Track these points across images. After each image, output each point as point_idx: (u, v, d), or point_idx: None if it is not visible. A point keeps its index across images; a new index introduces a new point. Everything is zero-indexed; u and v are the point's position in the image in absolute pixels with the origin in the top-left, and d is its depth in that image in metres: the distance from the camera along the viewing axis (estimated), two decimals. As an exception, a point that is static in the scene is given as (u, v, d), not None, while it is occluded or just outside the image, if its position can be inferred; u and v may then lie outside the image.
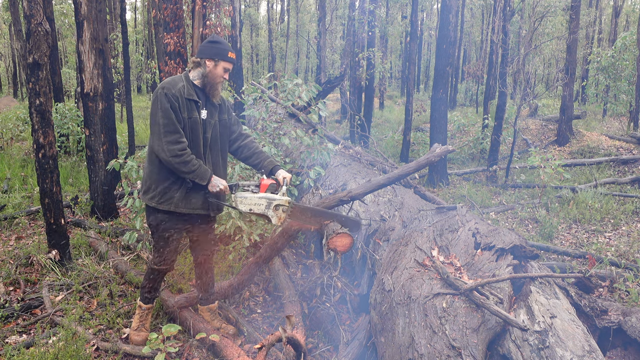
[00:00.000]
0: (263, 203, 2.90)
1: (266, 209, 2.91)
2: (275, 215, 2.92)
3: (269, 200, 2.90)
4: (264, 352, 2.93)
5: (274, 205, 2.90)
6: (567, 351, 2.36)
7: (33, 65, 4.18)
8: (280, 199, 2.92)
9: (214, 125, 3.10)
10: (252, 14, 37.92)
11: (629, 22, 29.92)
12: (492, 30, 12.08)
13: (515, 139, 9.46)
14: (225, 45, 3.00)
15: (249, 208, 2.91)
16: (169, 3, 7.14)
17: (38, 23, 4.16)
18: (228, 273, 4.40)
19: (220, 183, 2.96)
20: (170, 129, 2.84)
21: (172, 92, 2.87)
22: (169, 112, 2.84)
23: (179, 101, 2.89)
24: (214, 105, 3.10)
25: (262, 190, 2.97)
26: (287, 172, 3.14)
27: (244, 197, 2.91)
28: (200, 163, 2.93)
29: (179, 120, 2.88)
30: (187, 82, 3.00)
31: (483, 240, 3.31)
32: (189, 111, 2.95)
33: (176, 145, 2.84)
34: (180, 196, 3.02)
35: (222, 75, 3.02)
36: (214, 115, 3.10)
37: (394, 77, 40.79)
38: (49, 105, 4.33)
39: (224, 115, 3.19)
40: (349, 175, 5.32)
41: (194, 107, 2.97)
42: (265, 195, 2.92)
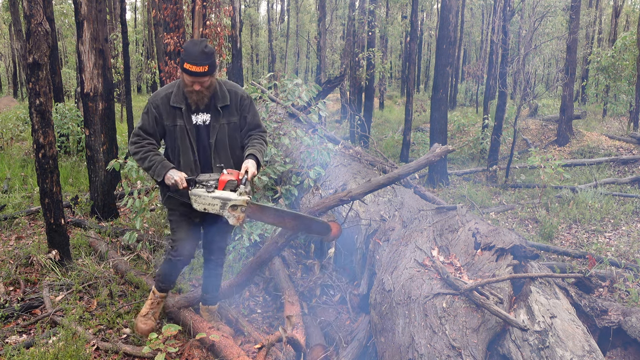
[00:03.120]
0: (217, 203, 2.72)
1: (221, 210, 2.73)
2: (232, 216, 2.73)
3: (223, 201, 2.71)
4: (264, 352, 2.93)
5: (229, 205, 2.71)
6: (567, 351, 2.36)
7: (33, 65, 4.18)
8: (236, 199, 2.70)
9: (220, 129, 2.99)
10: (252, 14, 37.91)
11: (629, 22, 29.92)
12: (492, 30, 12.08)
13: (515, 139, 9.46)
14: (188, 54, 2.75)
15: (203, 207, 2.75)
16: (169, 3, 7.14)
17: (38, 23, 4.16)
18: (228, 273, 4.40)
19: (176, 175, 2.81)
20: (135, 131, 2.95)
21: (154, 100, 2.93)
22: (144, 116, 2.95)
23: (159, 109, 2.91)
24: (218, 109, 2.97)
25: (220, 187, 2.76)
26: (253, 164, 2.86)
27: (198, 195, 2.74)
28: (158, 160, 2.87)
29: (152, 126, 2.92)
30: (178, 88, 2.94)
31: (483, 240, 3.31)
32: (172, 119, 2.91)
33: (132, 146, 2.93)
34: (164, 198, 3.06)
35: (190, 85, 2.84)
36: (219, 118, 2.98)
37: (394, 77, 40.79)
38: (49, 105, 4.33)
39: (234, 118, 3.05)
40: (349, 175, 5.32)
41: (179, 114, 2.91)
42: (220, 195, 2.72)
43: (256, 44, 39.89)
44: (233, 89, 3.05)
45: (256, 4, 41.36)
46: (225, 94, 3.01)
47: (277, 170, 5.18)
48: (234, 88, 3.06)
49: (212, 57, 2.77)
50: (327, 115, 11.53)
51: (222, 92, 2.99)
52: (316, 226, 3.14)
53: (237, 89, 3.06)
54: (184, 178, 2.79)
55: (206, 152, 2.99)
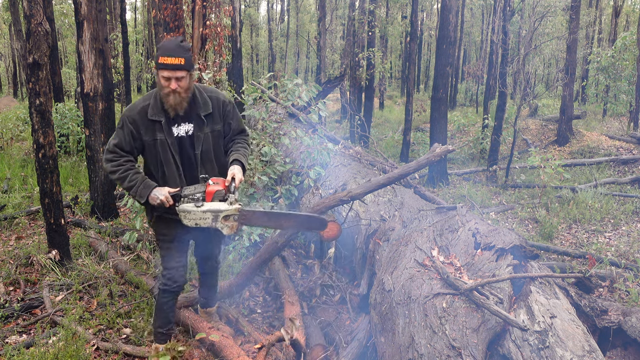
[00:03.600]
0: (208, 217, 2.61)
1: (213, 222, 2.63)
2: (226, 226, 2.65)
3: (215, 213, 2.61)
4: (264, 352, 2.93)
5: (221, 217, 2.62)
6: (567, 351, 2.36)
7: (33, 65, 4.18)
8: (227, 209, 2.61)
9: (205, 139, 2.81)
10: (252, 14, 37.91)
11: (629, 22, 29.93)
12: (492, 30, 12.08)
13: (515, 139, 9.46)
14: (162, 48, 2.60)
15: (195, 223, 2.63)
16: (169, 3, 7.14)
17: (38, 23, 4.16)
18: (228, 273, 4.40)
19: (160, 194, 2.65)
20: (110, 148, 2.73)
21: (129, 114, 2.72)
22: (119, 132, 2.74)
23: (136, 124, 2.71)
24: (201, 118, 2.79)
25: (208, 199, 2.62)
26: (239, 170, 2.74)
27: (187, 210, 2.61)
28: (140, 180, 2.69)
29: (128, 142, 2.71)
30: (155, 99, 2.73)
31: (483, 240, 3.31)
32: (151, 133, 2.72)
33: (108, 164, 2.73)
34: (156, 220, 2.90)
35: (164, 85, 2.62)
36: (202, 127, 2.80)
37: (394, 77, 40.79)
38: (49, 105, 4.33)
39: (217, 126, 2.87)
40: (349, 175, 5.32)
41: (159, 127, 2.71)
42: (210, 208, 2.60)
43: (256, 44, 39.88)
44: (214, 95, 2.88)
45: (256, 4, 41.36)
46: (206, 100, 2.82)
47: (277, 170, 5.19)
48: (214, 94, 2.88)
49: (188, 52, 2.61)
50: (327, 115, 11.54)
51: (203, 99, 2.81)
52: (312, 222, 3.09)
53: (219, 95, 2.90)
54: (169, 195, 2.66)
55: (191, 164, 2.83)
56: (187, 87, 2.67)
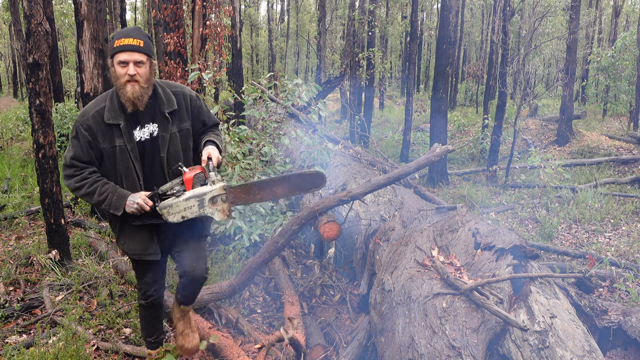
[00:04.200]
0: (193, 204, 2.36)
1: (201, 209, 2.37)
2: (216, 211, 2.39)
3: (199, 197, 2.35)
4: (264, 352, 2.93)
5: (207, 200, 2.36)
6: (567, 351, 2.36)
7: (33, 65, 4.18)
8: (211, 190, 2.36)
9: (172, 140, 2.49)
10: (252, 14, 37.92)
11: (629, 22, 29.93)
12: (492, 30, 12.08)
13: (515, 139, 9.46)
14: (118, 33, 2.35)
15: (181, 216, 2.37)
16: (169, 3, 7.14)
17: (38, 23, 4.16)
18: (228, 273, 4.40)
19: (136, 198, 2.37)
20: (68, 162, 2.41)
21: (83, 120, 2.38)
22: (74, 142, 2.40)
23: (91, 130, 2.38)
24: (166, 116, 2.47)
25: (188, 187, 2.38)
26: (214, 149, 2.48)
27: (169, 205, 2.36)
28: (111, 190, 2.39)
29: (87, 152, 2.39)
30: (111, 100, 2.41)
31: (483, 240, 3.31)
32: (109, 139, 2.39)
33: (69, 181, 2.42)
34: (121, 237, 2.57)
35: (121, 73, 2.32)
36: (168, 127, 2.47)
37: (394, 77, 40.79)
38: (49, 105, 4.33)
39: (185, 124, 2.56)
40: (349, 175, 5.32)
41: (118, 132, 2.39)
42: (192, 194, 2.35)
43: (256, 44, 39.89)
44: (179, 90, 2.57)
45: (256, 4, 41.37)
46: (169, 96, 2.50)
47: (277, 170, 5.19)
48: (178, 88, 2.58)
49: (148, 38, 2.35)
50: (327, 115, 11.55)
51: (166, 95, 2.49)
52: (308, 181, 2.71)
53: (184, 89, 2.60)
54: (146, 197, 2.39)
55: (154, 170, 2.49)
56: (147, 76, 2.36)
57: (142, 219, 2.47)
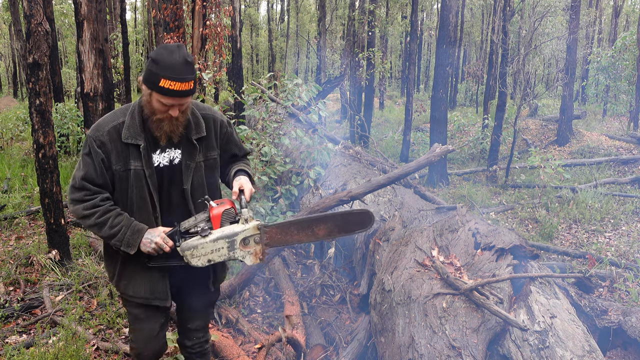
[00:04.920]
0: (222, 246, 2.05)
1: (231, 252, 2.07)
2: (247, 254, 2.09)
3: (230, 239, 2.05)
4: (264, 352, 2.93)
5: (239, 241, 2.06)
6: (567, 351, 2.36)
7: (33, 65, 4.18)
8: (243, 229, 2.06)
9: (196, 170, 2.18)
10: (252, 14, 37.94)
11: (629, 22, 29.94)
12: (492, 30, 12.09)
13: (515, 139, 9.46)
14: (166, 65, 1.91)
15: (207, 260, 2.06)
16: (169, 3, 7.14)
17: (38, 23, 4.17)
18: (228, 273, 4.40)
19: (154, 236, 2.05)
20: (78, 184, 2.04)
21: (97, 135, 2.04)
22: (86, 160, 2.05)
23: (106, 148, 2.03)
24: (193, 143, 2.15)
25: (216, 225, 2.07)
26: (247, 180, 2.20)
27: (193, 246, 2.03)
28: (125, 224, 2.05)
29: (101, 173, 2.04)
30: (132, 116, 2.07)
31: (483, 240, 3.31)
32: (124, 161, 2.05)
33: (77, 206, 2.06)
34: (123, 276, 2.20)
35: (160, 110, 2.00)
36: (194, 155, 2.16)
37: (394, 77, 40.80)
38: (49, 105, 4.34)
39: (213, 153, 2.25)
40: (349, 175, 5.32)
41: (135, 154, 2.05)
42: (221, 234, 2.04)
43: (256, 44, 39.90)
44: (209, 114, 2.26)
45: (256, 4, 41.37)
46: (199, 121, 2.19)
47: (277, 170, 5.19)
48: (209, 112, 2.26)
49: (194, 68, 2.02)
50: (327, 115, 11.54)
51: (195, 119, 2.18)
52: (355, 220, 2.32)
53: (215, 114, 2.28)
54: (165, 235, 2.07)
55: (172, 202, 2.17)
56: (187, 110, 2.10)
57: (159, 260, 2.15)
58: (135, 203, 2.09)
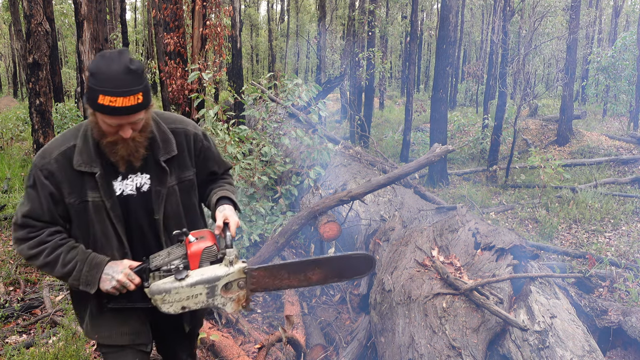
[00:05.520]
0: (201, 292, 1.72)
1: (210, 299, 1.74)
2: (229, 301, 1.77)
3: (211, 284, 1.72)
4: (264, 352, 2.93)
5: (220, 287, 1.74)
6: (567, 351, 2.36)
7: (33, 65, 4.19)
8: (227, 273, 1.73)
9: (169, 197, 1.84)
10: (252, 14, 37.95)
11: (629, 22, 29.94)
12: (492, 30, 12.09)
13: (515, 139, 9.46)
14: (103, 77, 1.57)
15: (181, 307, 1.73)
16: (169, 3, 7.14)
17: (38, 23, 4.17)
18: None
19: (116, 272, 1.71)
20: (20, 221, 1.72)
21: (43, 164, 1.70)
22: (30, 193, 1.73)
23: (54, 178, 1.70)
24: (161, 165, 1.80)
25: (194, 265, 1.73)
26: (232, 210, 1.86)
27: (166, 290, 1.69)
28: (80, 258, 1.72)
29: (48, 209, 1.71)
30: (84, 139, 1.73)
31: (483, 240, 3.31)
32: (78, 192, 1.72)
33: (21, 246, 1.74)
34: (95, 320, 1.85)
35: (112, 132, 1.66)
36: (164, 179, 1.82)
37: (394, 77, 40.81)
38: (49, 105, 4.34)
39: (188, 173, 1.91)
40: (349, 175, 5.32)
41: (91, 183, 1.72)
42: (201, 278, 1.71)
43: (256, 44, 39.91)
44: (180, 128, 1.90)
45: (256, 4, 41.38)
46: (168, 137, 1.83)
47: (277, 170, 5.19)
48: (180, 125, 1.91)
49: (143, 77, 1.63)
50: (327, 115, 11.55)
51: (163, 136, 1.83)
52: (352, 266, 2.00)
53: (186, 126, 1.93)
54: (132, 271, 1.73)
55: (144, 237, 1.84)
56: (144, 128, 1.73)
57: (120, 301, 1.79)
58: (98, 240, 1.77)
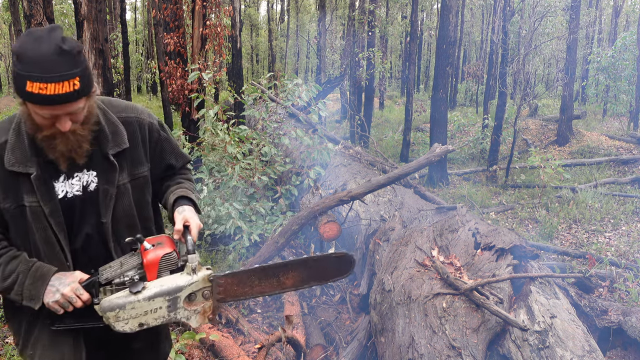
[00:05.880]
0: (161, 305, 1.50)
1: (171, 312, 1.52)
2: (194, 314, 1.55)
3: (172, 295, 1.50)
4: (264, 352, 2.93)
5: (183, 299, 1.52)
6: (567, 351, 2.36)
7: (33, 65, 4.18)
8: (190, 282, 1.51)
9: (120, 197, 1.59)
10: (252, 14, 37.95)
11: (629, 22, 29.93)
12: (492, 30, 12.10)
13: (515, 139, 9.46)
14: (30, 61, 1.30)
15: (139, 323, 1.50)
16: (169, 3, 7.15)
17: (38, 23, 4.17)
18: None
19: (62, 285, 1.46)
20: None
21: None
22: None
23: None
24: (111, 160, 1.56)
25: (151, 275, 1.51)
26: (191, 210, 1.63)
27: (119, 306, 1.46)
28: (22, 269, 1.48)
29: None
30: (17, 134, 1.48)
31: (483, 240, 3.31)
32: (13, 195, 1.48)
33: None
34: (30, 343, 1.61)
35: (45, 124, 1.40)
36: (113, 177, 1.57)
37: (394, 77, 40.81)
38: (49, 105, 4.33)
39: (142, 169, 1.66)
40: (349, 175, 5.33)
41: (27, 185, 1.48)
42: (160, 289, 1.49)
43: (256, 44, 39.91)
44: (133, 117, 1.66)
45: (256, 4, 41.38)
46: (118, 129, 1.59)
47: (277, 170, 5.19)
48: (133, 114, 1.66)
49: (79, 58, 1.35)
50: (327, 115, 11.55)
51: (112, 127, 1.58)
52: (329, 267, 1.82)
53: (139, 115, 1.68)
54: (80, 285, 1.49)
55: (91, 244, 1.58)
56: (87, 119, 1.47)
57: (67, 320, 1.55)
58: (40, 249, 1.52)
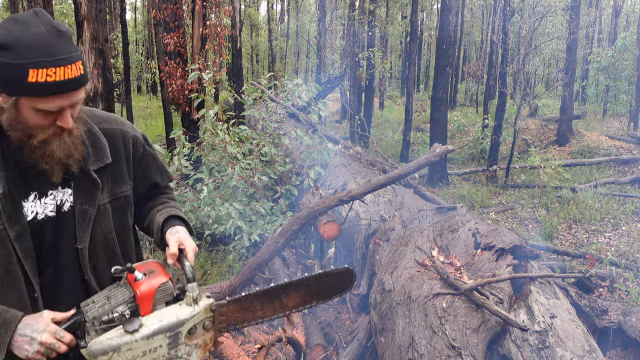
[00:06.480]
0: (161, 343, 1.30)
1: (172, 350, 1.33)
2: (195, 349, 1.37)
3: (172, 332, 1.31)
4: (264, 352, 2.94)
5: (184, 334, 1.33)
6: (567, 351, 2.36)
7: (33, 65, 4.18)
8: (192, 314, 1.33)
9: (100, 218, 1.38)
10: (252, 14, 37.95)
11: (629, 22, 29.93)
12: (492, 30, 12.10)
13: (515, 139, 9.47)
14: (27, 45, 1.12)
15: None
16: (169, 3, 7.15)
17: (38, 23, 4.17)
18: (228, 273, 4.40)
19: (37, 331, 1.20)
20: None
21: None
22: None
23: None
24: (91, 176, 1.34)
25: (146, 309, 1.30)
26: (185, 232, 1.45)
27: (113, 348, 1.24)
28: None
29: None
30: None
31: (483, 240, 3.31)
32: None
33: None
34: None
35: (42, 125, 1.20)
36: (93, 195, 1.35)
37: (394, 77, 40.80)
38: (49, 105, 4.33)
39: (124, 188, 1.46)
40: (349, 175, 5.32)
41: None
42: (160, 325, 1.29)
43: (256, 44, 39.91)
44: (116, 129, 1.46)
45: (256, 4, 41.38)
46: (99, 141, 1.39)
47: (277, 170, 5.19)
48: (116, 126, 1.46)
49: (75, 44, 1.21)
50: (327, 115, 11.55)
51: (93, 139, 1.38)
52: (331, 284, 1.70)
53: (123, 127, 1.49)
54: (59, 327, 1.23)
55: (64, 274, 1.35)
56: (80, 115, 1.31)
57: None
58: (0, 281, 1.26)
